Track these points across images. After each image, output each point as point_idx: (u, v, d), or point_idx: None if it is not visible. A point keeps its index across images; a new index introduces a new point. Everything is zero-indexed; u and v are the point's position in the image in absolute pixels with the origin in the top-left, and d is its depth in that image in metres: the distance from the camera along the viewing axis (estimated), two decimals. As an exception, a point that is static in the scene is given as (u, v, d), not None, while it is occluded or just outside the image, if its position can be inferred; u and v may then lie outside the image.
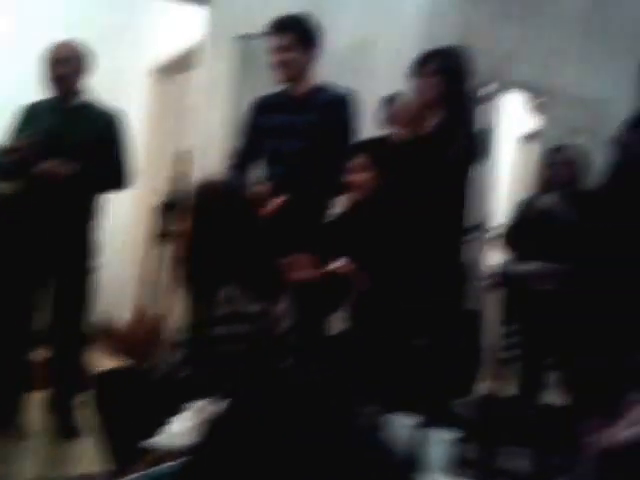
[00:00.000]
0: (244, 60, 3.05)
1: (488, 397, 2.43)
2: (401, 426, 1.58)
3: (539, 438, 2.34)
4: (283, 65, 2.87)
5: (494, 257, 3.91)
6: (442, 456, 1.50)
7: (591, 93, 4.41)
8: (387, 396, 2.40)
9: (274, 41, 2.86)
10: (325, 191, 2.90)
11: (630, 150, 2.45)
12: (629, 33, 4.93)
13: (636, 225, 2.38)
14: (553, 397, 2.79)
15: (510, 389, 3.01)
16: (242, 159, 3.03)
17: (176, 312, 3.64)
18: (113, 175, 3.16)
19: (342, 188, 2.71)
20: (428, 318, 2.54)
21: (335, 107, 2.90)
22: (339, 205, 2.88)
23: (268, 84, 2.99)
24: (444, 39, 3.47)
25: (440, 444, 1.51)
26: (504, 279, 2.55)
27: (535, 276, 2.46)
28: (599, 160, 2.67)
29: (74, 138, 3.08)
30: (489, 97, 4.17)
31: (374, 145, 2.62)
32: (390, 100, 3.57)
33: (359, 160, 2.52)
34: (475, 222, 4.08)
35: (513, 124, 5.74)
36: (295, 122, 2.87)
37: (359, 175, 2.52)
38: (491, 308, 3.11)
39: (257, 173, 2.99)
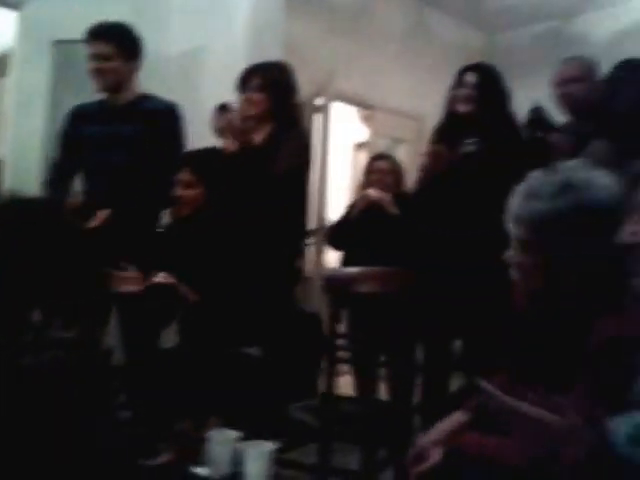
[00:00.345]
0: (62, 66, 2.91)
1: (325, 398, 2.47)
2: (223, 441, 1.57)
3: (368, 434, 2.41)
4: (101, 73, 2.77)
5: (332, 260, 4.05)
6: (261, 469, 1.50)
7: (413, 108, 4.69)
8: (218, 410, 2.40)
9: (92, 48, 2.76)
10: (152, 204, 2.83)
11: None
12: (449, 52, 5.31)
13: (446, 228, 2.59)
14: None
15: (349, 389, 3.11)
16: (60, 172, 2.89)
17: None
18: None
19: (170, 201, 2.65)
20: (260, 326, 2.56)
21: (162, 117, 2.84)
22: (167, 218, 2.82)
23: (90, 92, 2.86)
24: (273, 50, 3.55)
25: (259, 457, 1.51)
26: (329, 282, 2.62)
27: (356, 279, 2.53)
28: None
29: None
30: (320, 108, 4.29)
31: (202, 158, 2.58)
32: (222, 109, 3.56)
33: (185, 174, 2.49)
34: (313, 227, 4.20)
35: (347, 134, 5.98)
36: (119, 132, 2.77)
37: (185, 190, 2.48)
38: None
39: (76, 186, 2.87)
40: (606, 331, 1.25)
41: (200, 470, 1.58)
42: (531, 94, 2.79)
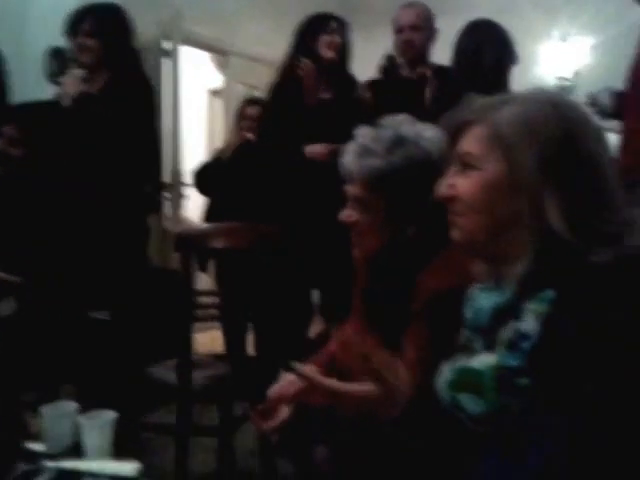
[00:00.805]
0: None
1: (182, 356, 2.40)
2: (58, 414, 1.48)
3: (225, 391, 2.39)
4: None
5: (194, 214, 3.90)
6: (101, 440, 1.43)
7: (269, 54, 4.53)
8: (69, 379, 2.27)
9: None
10: None
11: None
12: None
13: None
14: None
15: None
16: None
17: None
18: None
19: None
20: (108, 288, 2.43)
21: None
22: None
23: None
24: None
25: (98, 428, 1.43)
26: (181, 239, 2.51)
27: (209, 235, 2.45)
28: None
29: None
30: (168, 53, 4.06)
31: (27, 111, 2.34)
32: (56, 54, 3.28)
33: (9, 129, 2.25)
34: (170, 177, 4.03)
35: (201, 80, 5.74)
36: None
37: (9, 146, 2.25)
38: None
39: None
40: (432, 284, 1.30)
41: (36, 446, 1.48)
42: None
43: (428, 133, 1.38)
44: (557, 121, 0.96)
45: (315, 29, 2.68)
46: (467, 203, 1.03)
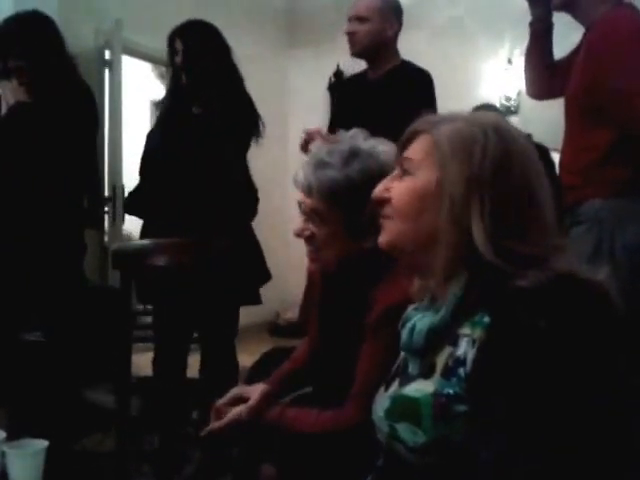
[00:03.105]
0: None
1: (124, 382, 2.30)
2: None
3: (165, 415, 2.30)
4: None
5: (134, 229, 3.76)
6: (29, 471, 1.33)
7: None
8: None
9: None
10: None
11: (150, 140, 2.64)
12: (242, 7, 5.11)
13: None
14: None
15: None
16: None
17: None
18: None
19: None
20: (41, 307, 2.31)
21: None
22: None
23: None
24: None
25: (27, 457, 1.33)
26: (118, 256, 2.40)
27: (149, 252, 2.36)
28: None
29: None
30: (108, 63, 3.95)
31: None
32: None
33: None
34: (110, 191, 3.90)
35: (143, 91, 5.62)
36: None
37: None
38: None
39: None
40: (384, 299, 1.30)
41: None
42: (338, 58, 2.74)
43: (382, 146, 1.40)
44: (495, 143, 0.97)
45: (170, 53, 2.56)
46: (396, 207, 1.03)
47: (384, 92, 2.42)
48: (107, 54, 3.95)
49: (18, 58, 2.39)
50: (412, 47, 2.73)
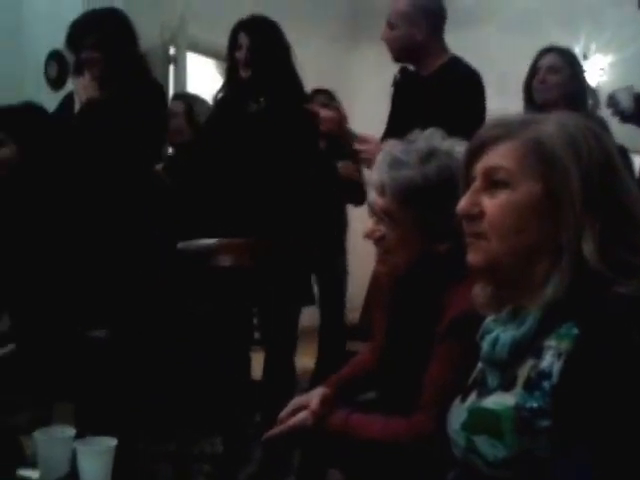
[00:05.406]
0: None
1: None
2: (54, 438, 1.37)
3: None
4: None
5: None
6: (99, 468, 1.32)
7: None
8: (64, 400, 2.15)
9: None
10: None
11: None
12: (306, 2, 5.08)
13: None
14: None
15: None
16: None
17: None
18: None
19: None
20: (107, 305, 2.32)
21: None
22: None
23: None
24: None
25: (96, 455, 1.33)
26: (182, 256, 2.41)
27: (212, 252, 2.35)
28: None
29: None
30: (173, 59, 3.98)
31: (14, 114, 2.23)
32: (57, 57, 3.19)
33: None
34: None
35: (208, 87, 5.65)
36: None
37: None
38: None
39: None
40: (457, 307, 1.24)
41: (30, 473, 1.40)
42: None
43: (460, 147, 1.32)
44: (599, 148, 0.92)
45: (231, 47, 2.56)
46: (494, 224, 0.95)
47: (433, 91, 2.35)
48: (172, 50, 3.97)
49: (92, 49, 2.39)
50: (481, 41, 2.66)
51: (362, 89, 5.53)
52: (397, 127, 2.33)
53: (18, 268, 2.12)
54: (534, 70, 2.57)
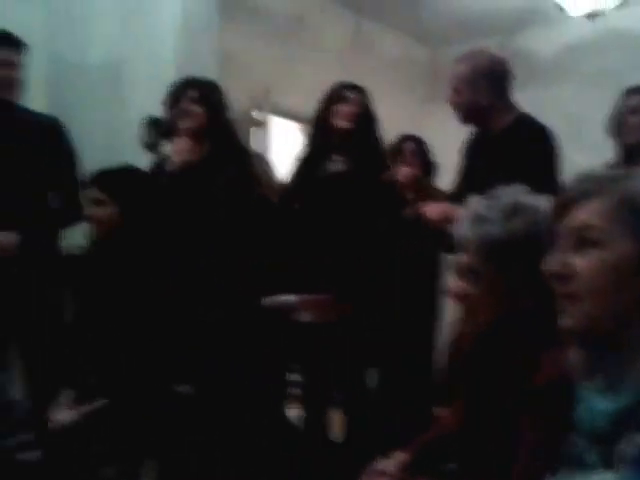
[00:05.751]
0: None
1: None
2: None
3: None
4: (15, 83, 2.55)
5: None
6: None
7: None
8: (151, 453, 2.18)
9: (6, 54, 2.52)
10: (47, 224, 2.63)
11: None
12: (390, 66, 5.21)
13: None
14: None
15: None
16: None
17: None
18: None
19: (81, 219, 2.47)
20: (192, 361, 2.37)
21: (50, 132, 2.63)
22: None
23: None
24: (205, 59, 3.37)
25: None
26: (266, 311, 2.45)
27: (296, 307, 2.38)
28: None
29: None
30: (258, 122, 4.13)
31: (114, 175, 2.35)
32: (153, 123, 3.36)
33: (93, 192, 2.26)
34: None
35: (290, 148, 5.81)
36: (2, 146, 2.51)
37: (95, 208, 2.25)
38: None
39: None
40: (546, 370, 1.18)
41: None
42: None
43: (545, 202, 1.30)
44: None
45: (329, 98, 2.69)
46: (588, 285, 0.90)
47: (502, 149, 2.32)
48: (256, 114, 4.13)
49: (192, 102, 2.51)
50: (558, 97, 2.64)
51: (439, 150, 5.55)
52: (467, 184, 2.38)
53: (111, 325, 2.20)
54: (621, 110, 2.54)
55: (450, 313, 2.26)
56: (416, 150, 3.03)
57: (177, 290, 2.26)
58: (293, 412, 2.85)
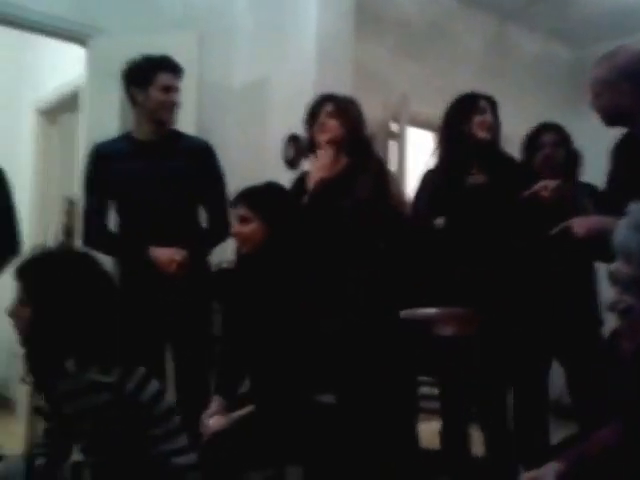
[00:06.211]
0: (126, 101, 2.84)
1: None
2: None
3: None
4: (177, 107, 2.70)
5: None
6: None
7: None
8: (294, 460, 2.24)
9: (171, 80, 2.66)
10: (207, 241, 2.78)
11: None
12: (533, 68, 5.04)
13: None
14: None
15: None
16: (99, 219, 2.72)
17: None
18: (10, 245, 2.78)
19: (226, 238, 2.58)
20: (335, 371, 2.40)
21: (203, 154, 2.75)
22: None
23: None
24: (342, 75, 3.42)
25: None
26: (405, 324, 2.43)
27: (436, 321, 2.35)
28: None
29: None
30: (394, 135, 4.12)
31: (259, 193, 2.43)
32: (293, 140, 3.46)
33: (240, 209, 2.34)
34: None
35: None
36: (163, 168, 2.65)
37: (241, 225, 2.33)
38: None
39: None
40: None
41: None
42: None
43: None
44: None
45: (466, 109, 2.63)
46: None
47: None
48: (393, 126, 4.12)
49: (329, 116, 2.55)
50: None
51: (584, 147, 5.28)
52: (616, 189, 2.25)
53: (258, 336, 2.27)
54: None
55: (609, 327, 2.14)
56: (557, 139, 2.85)
57: (322, 303, 2.30)
58: (430, 426, 2.83)
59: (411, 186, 4.27)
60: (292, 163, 3.44)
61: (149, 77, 2.63)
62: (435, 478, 2.58)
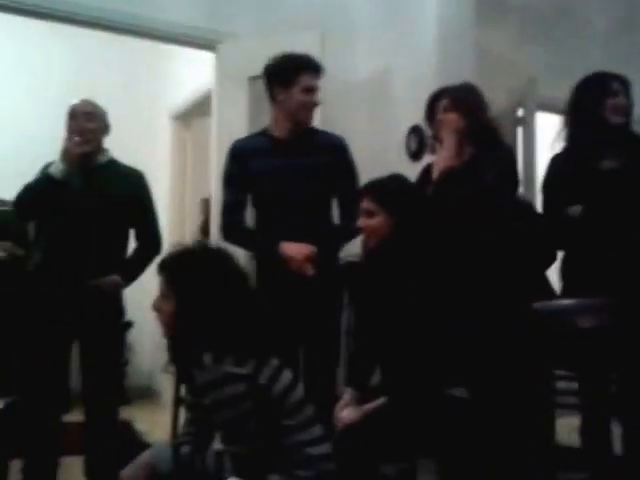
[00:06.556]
0: (258, 101, 2.93)
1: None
2: None
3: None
4: (314, 108, 2.75)
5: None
6: None
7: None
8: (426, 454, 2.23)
9: (312, 81, 2.72)
10: (339, 237, 2.81)
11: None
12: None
13: None
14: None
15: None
16: (237, 214, 2.81)
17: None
18: (152, 244, 3.02)
19: (353, 233, 2.60)
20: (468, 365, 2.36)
21: (337, 150, 2.80)
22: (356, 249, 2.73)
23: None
24: (464, 62, 3.35)
25: None
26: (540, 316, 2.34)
27: (576, 312, 2.26)
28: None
29: (104, 196, 2.86)
30: (521, 120, 3.98)
31: (383, 185, 2.41)
32: (416, 131, 3.44)
33: (365, 203, 2.34)
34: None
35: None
36: (298, 165, 2.71)
37: (367, 219, 2.33)
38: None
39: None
40: None
41: None
42: None
43: None
44: None
45: (598, 91, 2.52)
46: None
47: None
48: (520, 112, 3.98)
49: (446, 111, 2.51)
50: None
51: None
52: None
53: (387, 328, 2.28)
54: None
55: None
56: None
57: (454, 295, 2.27)
58: (569, 422, 2.72)
59: (541, 174, 4.13)
60: (415, 155, 3.41)
61: (292, 77, 2.68)
62: (573, 476, 2.49)
